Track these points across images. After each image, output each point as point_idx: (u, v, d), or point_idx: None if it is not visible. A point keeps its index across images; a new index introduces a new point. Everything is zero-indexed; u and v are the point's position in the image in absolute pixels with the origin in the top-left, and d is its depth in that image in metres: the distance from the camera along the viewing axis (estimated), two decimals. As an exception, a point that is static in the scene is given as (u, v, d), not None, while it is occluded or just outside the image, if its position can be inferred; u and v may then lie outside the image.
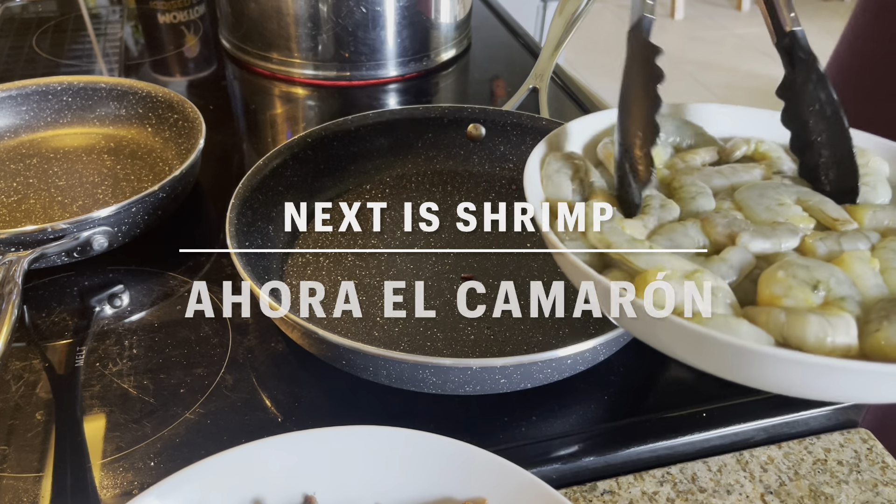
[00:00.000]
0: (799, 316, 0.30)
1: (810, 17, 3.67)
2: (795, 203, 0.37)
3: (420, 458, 0.37)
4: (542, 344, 0.51)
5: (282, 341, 0.51)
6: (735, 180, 0.40)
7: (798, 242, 0.35)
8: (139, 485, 0.42)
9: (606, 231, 0.35)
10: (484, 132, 0.68)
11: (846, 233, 0.35)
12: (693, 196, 0.38)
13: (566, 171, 0.40)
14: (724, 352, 0.29)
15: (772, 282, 0.32)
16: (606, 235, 0.35)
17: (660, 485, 0.43)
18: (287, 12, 0.82)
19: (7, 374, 0.48)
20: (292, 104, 0.85)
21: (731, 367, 0.30)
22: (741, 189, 0.39)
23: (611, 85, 0.58)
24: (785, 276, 0.31)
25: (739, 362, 0.29)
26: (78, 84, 0.71)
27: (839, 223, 0.36)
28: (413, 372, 0.43)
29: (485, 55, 0.97)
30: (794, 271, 0.32)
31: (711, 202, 0.38)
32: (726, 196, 0.39)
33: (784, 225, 0.35)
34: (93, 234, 0.53)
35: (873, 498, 0.43)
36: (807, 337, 0.29)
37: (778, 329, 0.30)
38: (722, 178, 0.40)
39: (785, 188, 0.38)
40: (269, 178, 0.59)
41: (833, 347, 0.29)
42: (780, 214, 0.36)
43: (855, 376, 0.27)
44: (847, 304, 0.31)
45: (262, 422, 0.46)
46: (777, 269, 0.32)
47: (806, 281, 0.31)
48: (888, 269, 0.33)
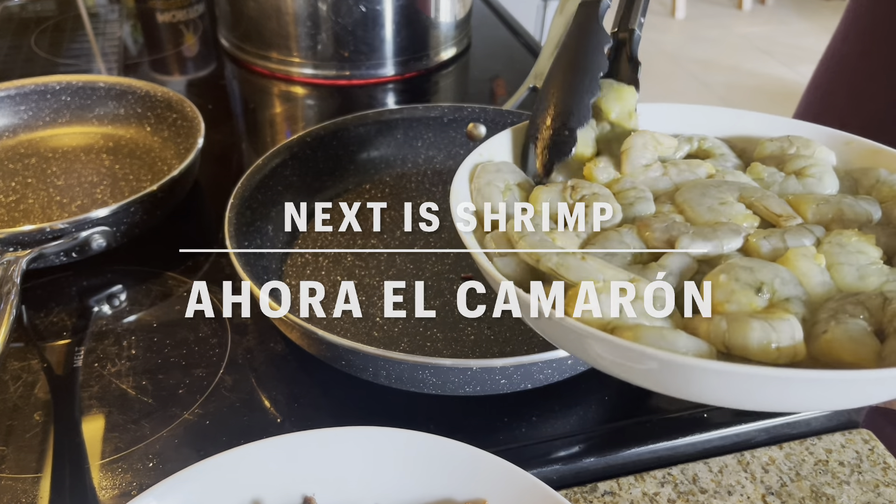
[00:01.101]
0: (740, 322, 0.28)
1: (810, 17, 3.67)
2: (738, 201, 0.36)
3: (420, 459, 0.37)
4: (543, 344, 0.51)
5: (281, 342, 0.51)
6: (679, 180, 0.38)
7: (741, 242, 0.33)
8: (138, 486, 0.41)
9: (535, 244, 0.33)
10: (484, 131, 0.68)
11: (790, 229, 0.34)
12: (631, 202, 0.36)
13: (497, 185, 0.38)
14: (658, 367, 0.27)
15: (713, 287, 0.30)
16: (535, 249, 0.33)
17: (661, 486, 0.43)
18: (286, 11, 0.82)
19: (5, 374, 0.48)
20: (291, 103, 0.85)
21: (668, 383, 0.29)
22: (682, 190, 0.37)
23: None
24: (727, 280, 0.30)
25: (676, 378, 0.28)
26: (76, 83, 0.71)
27: (783, 219, 0.34)
28: (413, 372, 0.43)
29: (485, 54, 0.97)
30: (736, 274, 0.30)
31: (651, 206, 0.36)
32: (667, 199, 0.37)
33: (726, 225, 0.34)
34: (91, 234, 0.53)
35: (875, 499, 0.43)
36: (750, 344, 0.28)
37: (719, 338, 0.28)
38: (666, 179, 0.39)
39: (727, 185, 0.37)
40: (269, 177, 0.59)
41: (778, 353, 0.28)
42: (723, 214, 0.35)
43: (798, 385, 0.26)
44: (793, 305, 0.29)
45: (262, 422, 0.45)
46: (718, 273, 0.31)
47: (749, 283, 0.30)
48: (834, 265, 0.31)
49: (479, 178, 0.39)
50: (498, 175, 0.38)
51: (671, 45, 3.33)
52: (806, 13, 3.74)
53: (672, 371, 0.27)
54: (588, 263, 0.32)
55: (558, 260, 0.32)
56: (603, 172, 0.38)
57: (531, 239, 0.34)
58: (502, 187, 0.38)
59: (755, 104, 2.86)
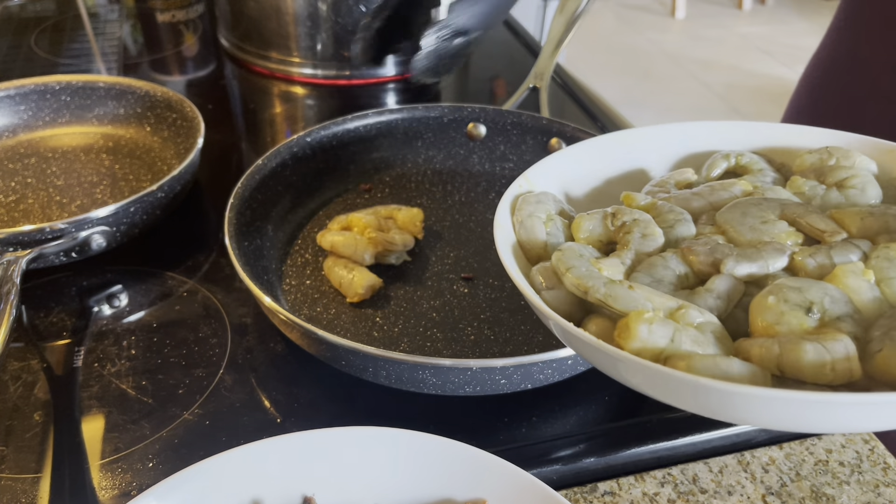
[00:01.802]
0: (793, 345, 0.28)
1: (810, 17, 3.67)
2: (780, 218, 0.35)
3: (420, 460, 0.37)
4: (543, 344, 0.51)
5: (281, 342, 0.51)
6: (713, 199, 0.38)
7: (787, 261, 0.33)
8: (138, 486, 0.41)
9: (582, 276, 0.33)
10: (484, 131, 0.68)
11: (836, 245, 0.33)
12: (671, 224, 0.36)
13: (539, 216, 0.38)
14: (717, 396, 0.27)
15: (762, 309, 0.30)
16: (583, 281, 0.33)
17: (661, 486, 0.43)
18: (286, 11, 0.82)
19: (5, 374, 0.48)
20: (291, 103, 0.85)
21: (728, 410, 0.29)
22: (722, 210, 0.37)
23: (611, 84, 0.57)
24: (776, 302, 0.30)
25: (734, 405, 0.28)
26: (76, 83, 0.71)
27: (827, 234, 0.34)
28: (413, 372, 0.43)
29: (485, 54, 0.97)
30: (784, 295, 0.30)
31: (692, 228, 0.36)
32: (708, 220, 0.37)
33: (770, 244, 0.33)
34: (91, 234, 0.53)
35: (875, 499, 0.43)
36: (804, 366, 0.27)
37: (773, 361, 0.28)
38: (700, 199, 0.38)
39: (767, 203, 0.36)
40: (269, 177, 0.59)
41: (834, 375, 0.27)
42: (766, 233, 0.34)
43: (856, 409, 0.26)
44: (844, 324, 0.29)
45: (261, 422, 0.45)
46: (767, 295, 0.30)
47: (798, 304, 0.30)
48: (884, 280, 0.31)
49: (520, 211, 0.38)
50: (539, 206, 0.38)
51: (671, 45, 3.33)
52: (806, 13, 3.74)
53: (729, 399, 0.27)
54: (636, 293, 0.32)
55: (606, 291, 0.32)
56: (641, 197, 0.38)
57: (578, 270, 0.33)
58: (544, 218, 0.38)
59: (755, 104, 2.86)
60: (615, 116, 0.80)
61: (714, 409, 0.29)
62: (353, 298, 0.53)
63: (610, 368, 0.31)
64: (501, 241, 0.37)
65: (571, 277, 0.33)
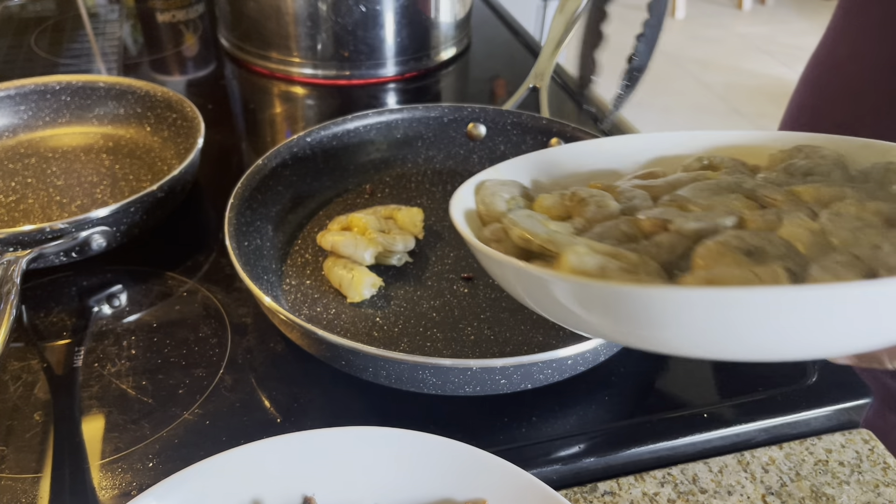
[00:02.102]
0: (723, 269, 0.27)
1: (810, 17, 3.67)
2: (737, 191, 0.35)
3: (420, 459, 0.37)
4: (543, 344, 0.51)
5: (281, 342, 0.51)
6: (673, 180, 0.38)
7: (735, 220, 0.32)
8: (138, 486, 0.41)
9: (527, 227, 0.33)
10: (484, 131, 0.68)
11: (786, 204, 0.33)
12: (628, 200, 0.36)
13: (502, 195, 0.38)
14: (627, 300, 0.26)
15: (703, 251, 0.29)
16: (527, 230, 0.33)
17: (661, 486, 0.43)
18: (286, 11, 0.82)
19: (5, 374, 0.48)
20: (291, 103, 0.85)
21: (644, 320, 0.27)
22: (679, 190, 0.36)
23: (611, 84, 0.58)
24: (715, 245, 0.29)
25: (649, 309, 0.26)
26: (76, 83, 0.71)
27: (780, 202, 0.33)
28: (413, 372, 0.43)
29: (485, 54, 0.97)
30: (726, 240, 0.29)
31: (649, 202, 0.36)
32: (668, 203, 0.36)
33: (721, 207, 0.33)
34: (91, 234, 0.53)
35: (875, 499, 0.43)
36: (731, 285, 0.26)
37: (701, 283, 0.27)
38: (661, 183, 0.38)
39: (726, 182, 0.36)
40: (269, 177, 0.59)
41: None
42: (721, 203, 0.34)
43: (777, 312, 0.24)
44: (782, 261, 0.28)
45: (261, 422, 0.45)
46: (709, 242, 0.30)
47: (739, 248, 0.29)
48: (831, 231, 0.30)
49: (484, 189, 0.39)
50: (504, 187, 0.39)
51: (671, 45, 3.33)
52: (806, 13, 3.74)
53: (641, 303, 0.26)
54: (575, 238, 0.32)
55: (547, 236, 0.32)
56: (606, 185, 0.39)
57: (525, 223, 0.34)
58: (507, 197, 0.38)
59: (755, 104, 2.86)
60: (615, 116, 0.80)
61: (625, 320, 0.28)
62: (354, 298, 0.53)
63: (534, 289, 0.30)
64: (456, 207, 0.37)
65: (518, 230, 0.34)
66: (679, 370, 0.50)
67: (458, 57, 0.94)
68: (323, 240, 0.56)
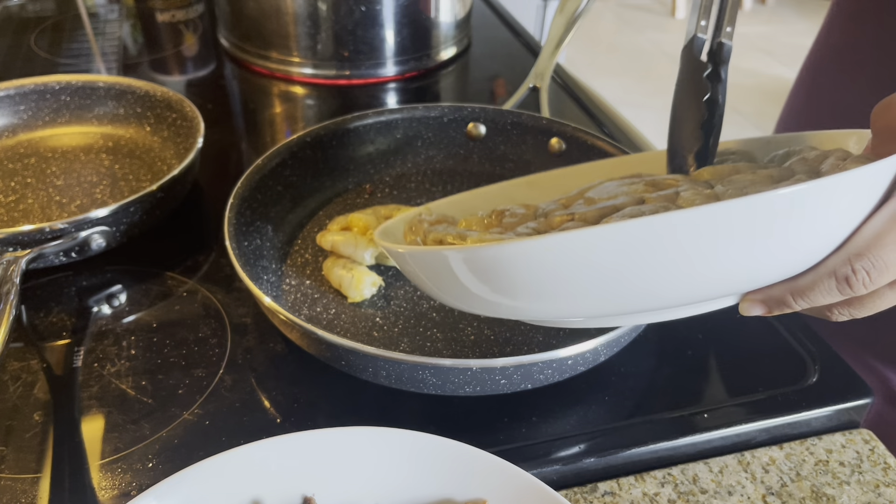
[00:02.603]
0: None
1: (810, 17, 3.67)
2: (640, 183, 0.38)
3: (420, 460, 0.37)
4: (543, 344, 0.51)
5: (281, 342, 0.51)
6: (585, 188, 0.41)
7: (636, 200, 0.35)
8: (137, 486, 0.41)
9: (440, 232, 0.37)
10: (484, 131, 0.68)
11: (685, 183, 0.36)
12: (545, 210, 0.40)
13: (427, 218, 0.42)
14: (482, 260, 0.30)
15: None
16: (442, 231, 0.37)
17: (661, 486, 0.43)
18: (286, 11, 0.82)
19: (5, 374, 0.48)
20: (291, 103, 0.85)
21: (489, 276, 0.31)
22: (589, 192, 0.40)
23: (611, 84, 0.58)
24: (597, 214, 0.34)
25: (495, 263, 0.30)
26: (76, 83, 0.71)
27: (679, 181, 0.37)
28: (413, 372, 0.43)
29: (485, 54, 0.97)
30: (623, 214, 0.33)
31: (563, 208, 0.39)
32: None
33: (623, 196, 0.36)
34: (91, 234, 0.53)
35: (875, 499, 0.43)
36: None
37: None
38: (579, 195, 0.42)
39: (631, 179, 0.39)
40: (268, 177, 0.59)
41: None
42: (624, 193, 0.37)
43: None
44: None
45: (261, 423, 0.45)
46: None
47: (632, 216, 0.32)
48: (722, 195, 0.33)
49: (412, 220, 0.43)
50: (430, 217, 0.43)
51: (671, 45, 3.33)
52: (806, 13, 3.74)
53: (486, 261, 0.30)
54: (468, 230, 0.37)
55: (457, 233, 0.36)
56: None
57: (440, 230, 0.38)
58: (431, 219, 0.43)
59: (755, 104, 2.86)
60: (615, 116, 0.80)
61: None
62: (354, 298, 0.53)
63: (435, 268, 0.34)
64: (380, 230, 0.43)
65: (434, 234, 0.38)
66: (679, 370, 0.50)
67: (458, 57, 0.94)
68: (323, 240, 0.56)
